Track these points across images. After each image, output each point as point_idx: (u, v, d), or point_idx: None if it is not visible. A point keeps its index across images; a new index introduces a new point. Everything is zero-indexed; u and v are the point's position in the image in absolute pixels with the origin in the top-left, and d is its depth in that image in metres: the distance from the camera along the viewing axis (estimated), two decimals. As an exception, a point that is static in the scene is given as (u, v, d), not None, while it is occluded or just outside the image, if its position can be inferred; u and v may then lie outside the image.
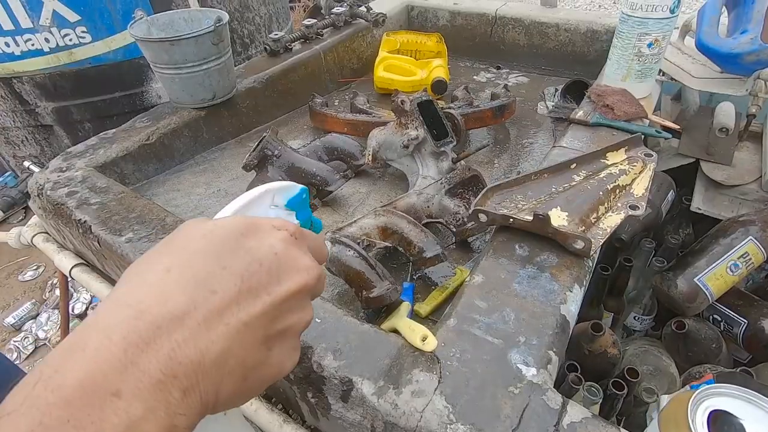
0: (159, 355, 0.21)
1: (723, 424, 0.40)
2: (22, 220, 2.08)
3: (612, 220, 0.67)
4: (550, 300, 0.57)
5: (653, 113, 0.99)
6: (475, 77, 1.46)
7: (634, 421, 0.78)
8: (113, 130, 1.02)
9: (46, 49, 1.25)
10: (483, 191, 0.68)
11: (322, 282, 0.30)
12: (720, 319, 0.99)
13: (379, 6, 1.55)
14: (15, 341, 1.72)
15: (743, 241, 0.92)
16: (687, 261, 0.95)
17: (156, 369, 0.21)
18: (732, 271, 0.93)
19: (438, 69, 1.30)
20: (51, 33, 1.23)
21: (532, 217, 0.62)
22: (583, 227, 0.65)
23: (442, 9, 1.55)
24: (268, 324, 0.25)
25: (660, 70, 1.02)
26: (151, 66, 1.04)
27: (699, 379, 0.84)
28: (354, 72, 1.47)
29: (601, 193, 0.69)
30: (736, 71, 0.92)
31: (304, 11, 2.87)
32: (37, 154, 1.41)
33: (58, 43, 1.24)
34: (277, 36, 1.27)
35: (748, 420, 0.39)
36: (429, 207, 0.78)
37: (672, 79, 1.04)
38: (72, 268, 0.86)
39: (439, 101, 1.25)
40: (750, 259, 0.93)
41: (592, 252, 0.61)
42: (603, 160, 0.78)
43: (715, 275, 0.93)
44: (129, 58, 1.32)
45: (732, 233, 0.94)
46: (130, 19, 1.20)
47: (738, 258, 0.93)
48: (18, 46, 1.23)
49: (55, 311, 1.77)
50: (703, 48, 0.90)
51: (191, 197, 0.99)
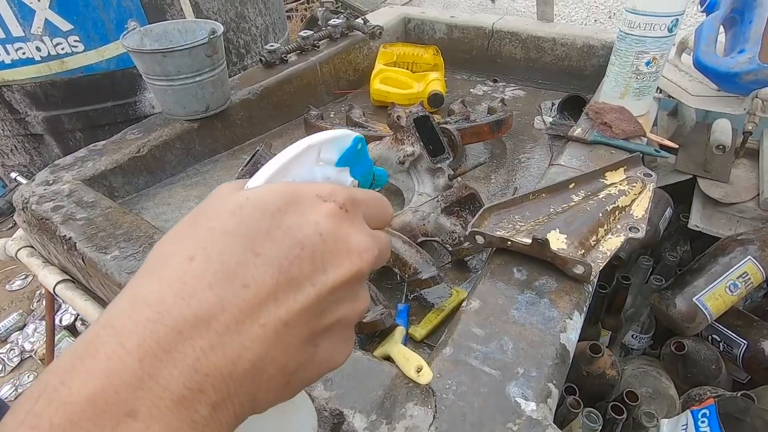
0: (181, 366, 0.18)
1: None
2: (11, 227, 2.04)
3: (612, 243, 0.65)
4: (550, 328, 0.55)
5: (650, 129, 0.98)
6: (471, 90, 1.44)
7: (634, 448, 0.75)
8: (103, 142, 0.99)
9: (38, 58, 1.22)
10: (480, 211, 0.66)
11: (384, 255, 0.25)
12: (719, 339, 0.97)
13: (376, 18, 1.54)
14: (0, 353, 1.67)
15: (742, 261, 0.91)
16: (685, 280, 0.93)
17: (178, 383, 0.17)
18: (731, 291, 0.91)
19: (435, 82, 1.29)
20: (42, 42, 1.21)
21: (530, 240, 0.60)
22: (583, 250, 0.63)
23: (439, 22, 1.54)
24: (313, 320, 0.21)
25: (657, 87, 1.02)
26: (143, 77, 1.02)
27: (700, 403, 0.82)
28: (350, 84, 1.45)
29: (600, 214, 0.68)
30: (734, 90, 0.91)
31: (302, 21, 2.86)
32: (27, 164, 1.38)
33: (49, 52, 1.22)
34: (272, 47, 1.26)
35: None
36: (425, 225, 0.76)
37: (669, 96, 1.03)
38: (56, 284, 0.83)
39: (435, 115, 1.23)
40: (749, 278, 0.91)
41: (592, 277, 0.59)
42: (602, 180, 0.76)
43: (714, 295, 0.91)
44: (122, 67, 1.30)
45: (731, 252, 0.93)
46: (124, 29, 1.18)
47: (737, 278, 0.91)
48: (8, 54, 1.20)
49: (43, 322, 1.73)
50: (701, 67, 0.89)
51: (182, 211, 0.96)
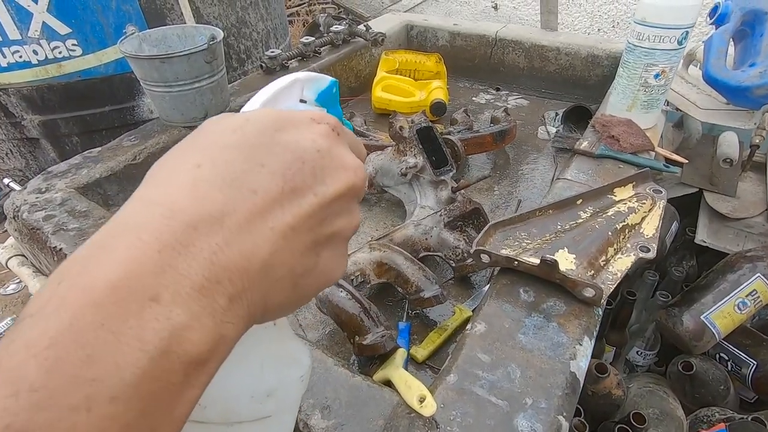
0: (199, 259, 0.18)
1: None
2: (5, 232, 2.00)
3: (622, 264, 0.63)
4: (559, 355, 0.52)
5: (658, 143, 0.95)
6: (474, 98, 1.42)
7: (642, 474, 0.72)
8: (98, 149, 0.96)
9: (34, 62, 1.20)
10: (485, 229, 0.63)
11: (365, 183, 0.25)
12: (727, 358, 0.94)
13: (378, 25, 1.52)
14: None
15: (751, 278, 0.88)
16: (693, 297, 0.91)
17: (197, 273, 0.18)
18: (740, 309, 0.89)
19: (437, 90, 1.26)
20: (40, 45, 1.18)
21: (538, 261, 0.57)
22: (592, 271, 0.61)
23: (442, 29, 1.52)
24: (316, 227, 0.22)
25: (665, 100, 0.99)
26: (141, 83, 0.99)
27: (710, 426, 0.79)
28: (351, 91, 1.43)
29: (609, 233, 0.65)
30: (744, 104, 0.89)
31: (303, 26, 2.84)
32: (23, 168, 1.35)
33: (47, 56, 1.19)
34: (273, 53, 1.23)
35: None
36: (427, 239, 0.73)
37: (677, 109, 1.00)
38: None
39: (437, 124, 1.21)
40: (758, 297, 0.88)
41: (602, 301, 0.57)
42: (610, 196, 0.73)
43: (722, 313, 0.88)
44: (120, 72, 1.27)
45: (739, 269, 0.90)
46: (123, 33, 1.15)
47: (746, 296, 0.88)
48: (5, 57, 1.18)
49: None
50: (710, 80, 0.87)
51: None
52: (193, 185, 0.19)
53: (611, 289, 0.60)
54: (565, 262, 0.61)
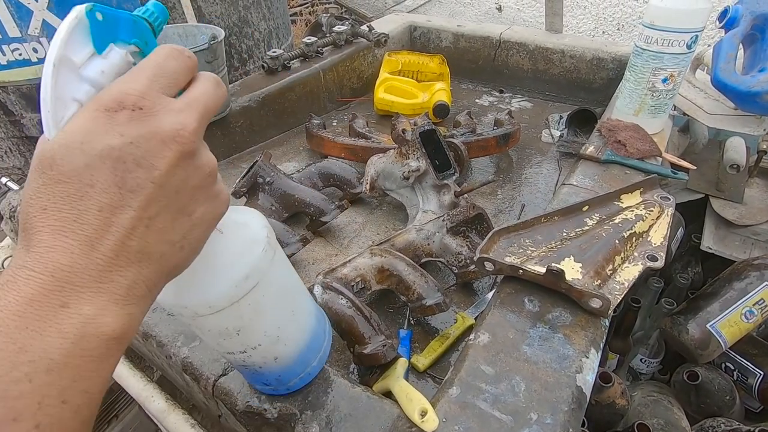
0: (92, 273, 0.23)
1: None
2: (1, 230, 1.99)
3: (629, 273, 0.61)
4: (565, 368, 0.50)
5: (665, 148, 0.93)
6: (477, 101, 1.40)
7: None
8: None
9: (34, 59, 1.18)
10: (489, 235, 0.61)
11: (212, 101, 0.27)
12: (733, 367, 0.92)
13: (381, 25, 1.50)
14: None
15: (759, 287, 0.86)
16: (699, 305, 0.89)
17: (94, 279, 0.23)
18: (747, 318, 0.87)
19: (440, 92, 1.24)
20: (40, 43, 1.17)
21: (544, 270, 0.56)
22: (599, 281, 0.59)
23: (445, 30, 1.50)
24: (173, 200, 0.25)
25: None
26: (140, 82, 0.98)
27: (715, 439, 0.77)
28: (354, 92, 1.41)
29: (617, 241, 0.63)
30: (754, 110, 0.87)
31: (306, 26, 2.82)
32: (21, 166, 1.33)
33: (47, 54, 1.18)
34: (275, 53, 1.22)
35: None
36: (429, 245, 0.72)
37: (684, 113, 0.98)
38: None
39: (440, 126, 1.19)
40: (766, 305, 0.86)
41: (610, 312, 0.55)
42: (617, 203, 0.72)
43: (728, 322, 0.86)
44: (121, 71, 1.25)
45: (746, 277, 0.88)
46: (123, 31, 1.14)
47: (753, 304, 0.87)
48: (4, 55, 1.16)
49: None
50: (719, 85, 0.85)
51: None
52: (55, 234, 0.22)
53: (618, 300, 0.58)
54: (571, 271, 0.59)
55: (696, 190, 1.08)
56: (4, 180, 0.98)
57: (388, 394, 0.52)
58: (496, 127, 1.11)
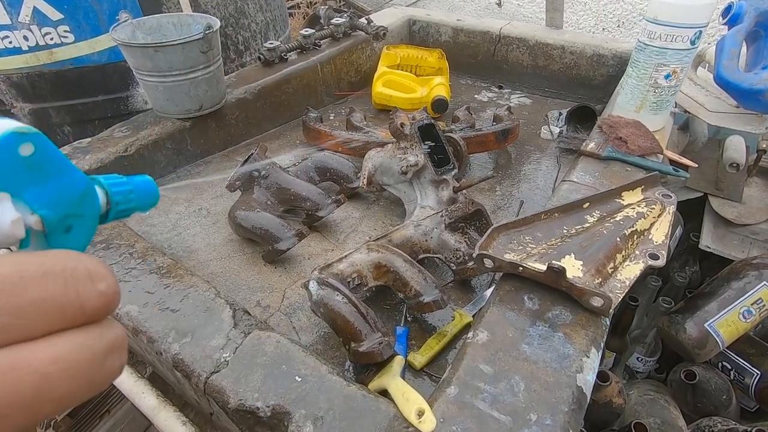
0: None
1: None
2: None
3: (630, 271, 0.60)
4: (565, 367, 0.49)
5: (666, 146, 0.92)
6: (476, 96, 1.39)
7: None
8: (88, 139, 0.93)
9: (25, 48, 1.15)
10: (488, 232, 0.60)
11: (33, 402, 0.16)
12: (730, 367, 0.92)
13: (380, 19, 1.48)
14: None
15: (757, 287, 0.86)
16: (696, 304, 0.88)
17: None
18: (745, 317, 0.86)
19: (439, 87, 1.23)
20: (30, 31, 1.14)
21: (544, 267, 0.55)
22: (600, 279, 0.58)
23: (445, 25, 1.48)
24: None
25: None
26: (133, 72, 0.96)
27: (712, 439, 0.77)
28: (351, 86, 1.39)
29: (618, 239, 0.62)
30: (756, 108, 0.86)
31: (304, 18, 2.79)
32: (12, 157, 1.30)
33: (37, 42, 1.15)
34: (272, 45, 1.19)
35: None
36: (427, 241, 0.70)
37: (685, 111, 0.97)
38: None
39: (438, 121, 1.17)
40: (764, 305, 0.86)
41: (611, 310, 0.54)
42: (618, 200, 0.70)
43: (726, 321, 0.86)
44: (114, 60, 1.23)
45: (745, 277, 0.88)
46: (116, 19, 1.12)
47: (751, 304, 0.86)
48: (-6, 43, 1.14)
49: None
50: (722, 82, 0.84)
51: (169, 216, 0.90)
52: None
53: (620, 299, 0.57)
54: (572, 268, 0.58)
55: (695, 189, 1.07)
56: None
57: (384, 393, 0.51)
58: (495, 123, 1.10)
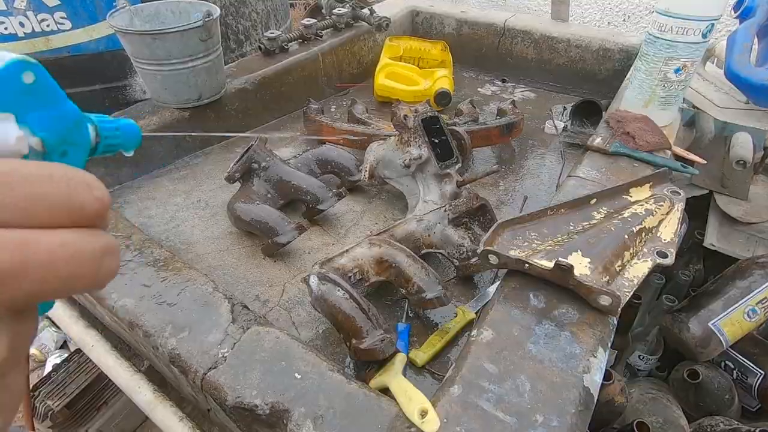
0: None
1: None
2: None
3: (639, 269, 0.59)
4: (572, 367, 0.48)
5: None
6: (479, 89, 1.37)
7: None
8: None
9: (21, 34, 1.13)
10: (493, 227, 0.59)
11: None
12: (733, 366, 0.91)
13: (382, 10, 1.45)
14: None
15: (762, 286, 0.84)
16: (700, 303, 0.87)
17: None
18: (749, 317, 0.85)
19: (442, 80, 1.21)
20: (26, 17, 1.12)
21: (551, 264, 0.53)
22: (607, 277, 0.57)
23: (448, 16, 1.46)
24: None
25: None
26: (131, 60, 0.94)
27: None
28: (353, 77, 1.37)
29: (626, 236, 0.61)
30: (767, 104, 0.84)
31: (305, 9, 2.75)
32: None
33: (33, 29, 1.13)
34: (273, 35, 1.17)
35: None
36: (430, 236, 0.69)
37: (693, 106, 0.95)
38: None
39: (441, 115, 1.15)
40: (769, 305, 0.85)
41: (619, 309, 0.53)
42: (626, 197, 0.69)
43: (731, 320, 0.85)
44: (112, 48, 1.21)
45: (750, 276, 0.86)
46: (113, 6, 1.09)
47: (756, 303, 0.85)
48: (-10, 29, 1.11)
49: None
50: (732, 77, 0.82)
51: (167, 207, 0.88)
52: None
53: (628, 297, 0.56)
54: (579, 266, 0.57)
55: (700, 186, 1.06)
56: None
57: (386, 391, 0.50)
58: (499, 117, 1.08)
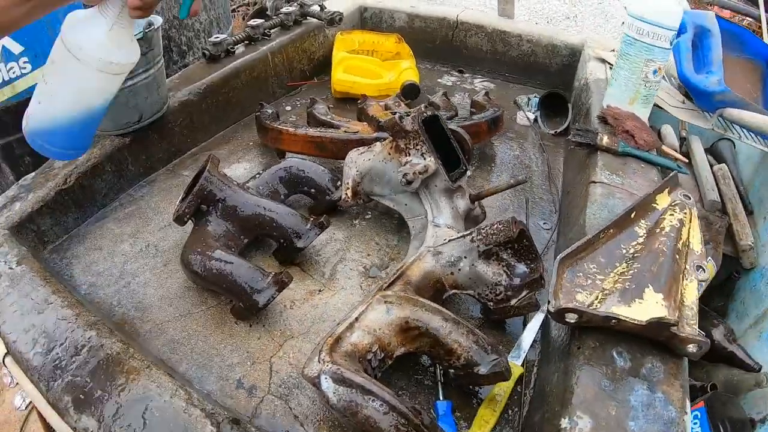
0: None
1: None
2: None
3: (691, 293, 0.43)
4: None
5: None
6: (439, 80, 1.17)
7: None
8: (32, 174, 0.66)
9: (-2, 81, 0.87)
10: (555, 269, 0.39)
11: None
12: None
13: (330, 6, 1.19)
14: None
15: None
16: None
17: None
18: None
19: (408, 71, 0.99)
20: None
21: (643, 319, 0.35)
22: (677, 311, 0.40)
23: (398, 11, 1.23)
24: None
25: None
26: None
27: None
28: (304, 74, 1.10)
29: (677, 256, 0.44)
30: (706, 106, 0.77)
31: (242, 19, 2.36)
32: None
33: (3, 78, 0.89)
34: (218, 39, 0.88)
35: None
36: (453, 274, 0.48)
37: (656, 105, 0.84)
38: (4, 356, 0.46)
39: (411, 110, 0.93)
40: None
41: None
42: (654, 205, 0.52)
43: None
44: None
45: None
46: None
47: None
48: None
49: None
50: (685, 80, 0.74)
51: (115, 259, 0.60)
52: None
53: (698, 332, 0.39)
54: (655, 305, 0.40)
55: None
56: None
57: None
58: (474, 110, 0.88)
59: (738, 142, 0.74)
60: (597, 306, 0.38)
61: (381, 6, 1.25)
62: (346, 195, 0.61)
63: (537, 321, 0.49)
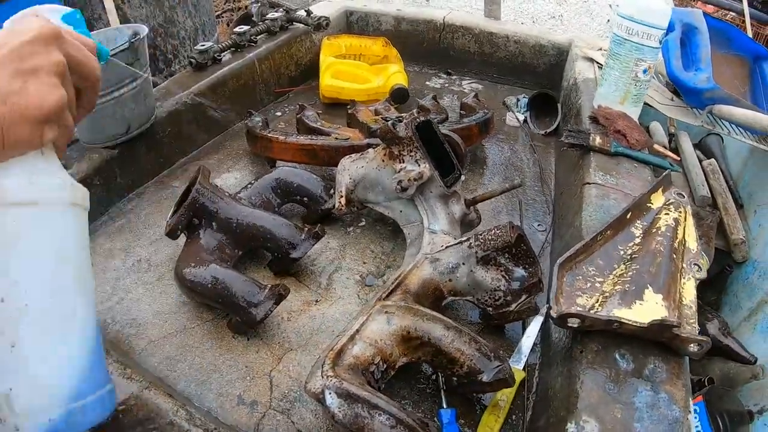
0: None
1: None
2: None
3: (689, 292, 0.43)
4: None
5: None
6: (427, 83, 1.17)
7: None
8: None
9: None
10: (555, 273, 0.39)
11: (54, 30, 0.29)
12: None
13: (316, 12, 1.18)
14: None
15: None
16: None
17: None
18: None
19: (396, 75, 0.99)
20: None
21: (645, 321, 0.35)
22: (677, 311, 0.40)
23: (385, 14, 1.23)
24: (15, 62, 0.27)
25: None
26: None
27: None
28: (292, 81, 1.10)
29: (674, 255, 0.45)
30: (695, 103, 0.79)
31: (227, 26, 2.34)
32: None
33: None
34: (204, 47, 0.87)
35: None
36: (452, 281, 0.48)
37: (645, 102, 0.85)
38: None
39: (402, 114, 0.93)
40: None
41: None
42: (649, 205, 0.53)
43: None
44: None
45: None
46: None
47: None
48: None
49: None
50: (673, 78, 0.76)
51: (107, 275, 0.58)
52: None
53: (698, 330, 0.39)
54: (656, 306, 0.40)
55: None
56: None
57: None
58: (463, 112, 0.89)
59: (726, 137, 0.76)
60: (598, 309, 0.38)
61: (367, 9, 1.25)
62: (340, 203, 0.61)
63: (536, 324, 0.50)
